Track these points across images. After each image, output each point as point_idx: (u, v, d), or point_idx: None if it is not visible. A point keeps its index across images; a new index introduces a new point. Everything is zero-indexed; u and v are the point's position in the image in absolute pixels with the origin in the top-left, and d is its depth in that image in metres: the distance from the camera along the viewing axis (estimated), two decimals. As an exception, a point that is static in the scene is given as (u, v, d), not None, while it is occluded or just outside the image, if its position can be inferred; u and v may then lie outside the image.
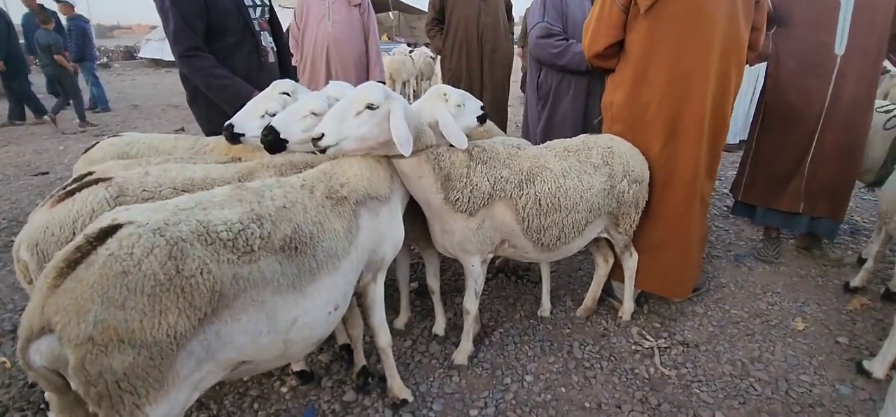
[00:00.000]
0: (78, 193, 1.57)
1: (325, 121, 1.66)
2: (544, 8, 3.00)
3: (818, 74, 2.83)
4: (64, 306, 1.04)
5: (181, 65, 2.39)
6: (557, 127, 3.10)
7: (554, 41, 2.94)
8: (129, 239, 1.11)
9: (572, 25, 2.98)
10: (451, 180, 1.90)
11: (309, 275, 1.44)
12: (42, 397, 2.04)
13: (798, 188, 3.00)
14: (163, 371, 1.12)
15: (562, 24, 2.98)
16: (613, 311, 2.65)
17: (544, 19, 2.98)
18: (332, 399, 2.07)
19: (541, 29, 2.98)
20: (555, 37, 2.94)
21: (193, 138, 2.33)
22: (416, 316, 2.63)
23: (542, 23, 2.98)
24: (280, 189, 1.50)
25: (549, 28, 2.95)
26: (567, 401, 2.06)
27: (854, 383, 2.14)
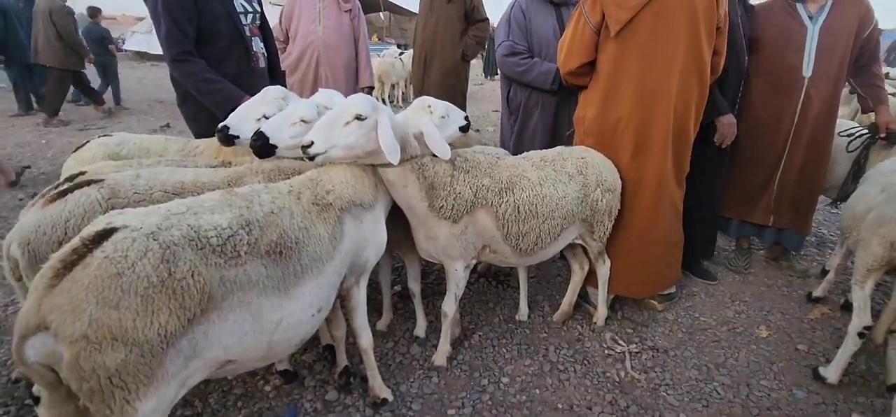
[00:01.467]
0: (70, 194, 1.61)
1: (314, 130, 1.72)
2: (509, 27, 3.10)
3: (787, 94, 2.99)
4: (60, 305, 1.10)
5: (172, 68, 2.44)
6: (528, 140, 3.21)
7: (518, 60, 3.04)
8: (123, 242, 1.17)
9: (537, 43, 3.06)
10: (434, 189, 1.98)
11: (293, 279, 1.51)
12: (26, 392, 2.07)
13: (769, 202, 3.16)
14: (153, 368, 1.19)
15: (527, 42, 3.07)
16: (589, 316, 2.76)
17: (509, 38, 3.08)
18: (315, 398, 2.13)
19: (506, 48, 3.08)
20: (519, 55, 3.04)
21: (183, 140, 2.38)
22: (398, 318, 2.71)
23: (506, 41, 3.08)
24: (268, 195, 1.57)
25: (514, 47, 3.05)
26: (541, 403, 2.15)
27: (809, 388, 2.28)
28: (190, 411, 2.02)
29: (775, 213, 3.16)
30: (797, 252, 3.43)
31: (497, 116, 9.21)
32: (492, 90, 13.48)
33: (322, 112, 1.95)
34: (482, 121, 8.63)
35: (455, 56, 4.17)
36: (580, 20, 2.46)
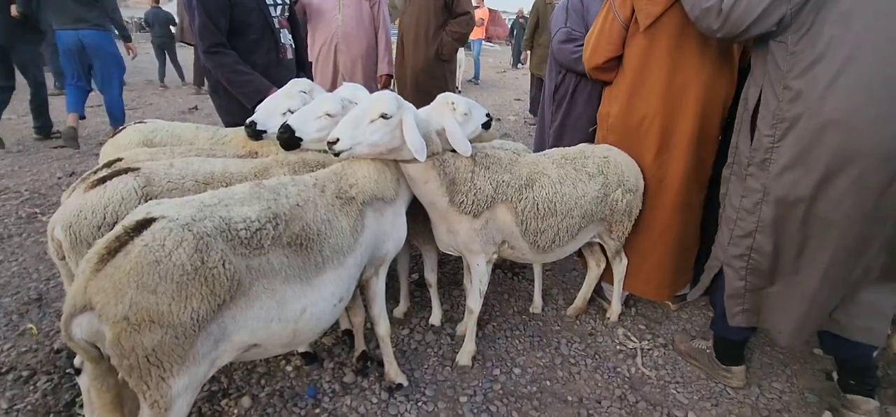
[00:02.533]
0: (109, 181, 1.71)
1: (340, 127, 1.78)
2: (567, 13, 3.09)
3: None
4: (104, 288, 1.19)
5: (205, 59, 2.53)
6: (570, 130, 3.19)
7: (573, 46, 3.02)
8: (161, 232, 1.26)
9: None
10: (455, 184, 2.02)
11: (315, 269, 1.58)
12: (68, 362, 2.22)
13: None
14: (185, 349, 1.28)
15: (583, 29, 3.06)
16: (602, 312, 2.79)
17: (566, 24, 3.07)
18: (333, 380, 2.23)
19: (563, 34, 3.07)
20: (575, 42, 3.03)
21: (213, 129, 2.48)
22: (415, 306, 2.78)
23: (564, 28, 3.07)
24: (295, 187, 1.64)
25: (571, 33, 3.04)
26: (551, 394, 2.21)
27: (822, 392, 2.28)
28: (216, 386, 2.14)
29: None
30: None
31: (519, 105, 9.18)
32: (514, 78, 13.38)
33: (347, 105, 2.02)
34: (503, 111, 8.61)
35: (428, 54, 3.70)
36: (609, 14, 2.44)
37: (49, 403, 2.03)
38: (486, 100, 9.75)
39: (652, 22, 2.29)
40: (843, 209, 1.73)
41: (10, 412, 1.98)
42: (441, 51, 3.65)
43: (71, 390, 2.08)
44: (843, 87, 1.67)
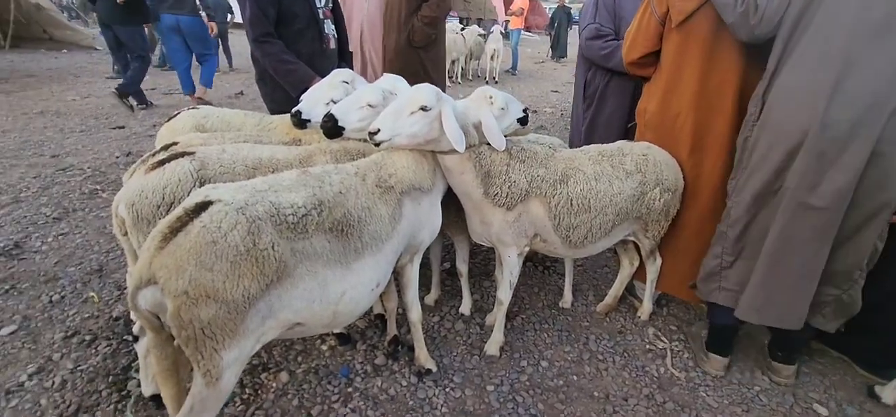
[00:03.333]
0: (167, 164, 1.83)
1: (381, 118, 1.85)
2: (596, 9, 3.05)
3: None
4: (166, 264, 1.30)
5: (254, 48, 2.65)
6: (602, 128, 3.17)
7: (602, 43, 2.99)
8: (218, 214, 1.36)
9: (625, 27, 3.02)
10: (491, 177, 2.06)
11: (354, 254, 1.66)
12: (125, 329, 2.41)
13: None
14: (237, 323, 1.38)
15: (614, 26, 3.02)
16: (633, 310, 2.78)
17: (596, 20, 3.03)
18: (365, 361, 2.33)
19: (591, 30, 3.04)
20: (604, 38, 2.99)
21: (259, 115, 2.60)
22: (446, 294, 2.85)
23: (593, 24, 3.04)
24: (338, 175, 1.72)
25: (600, 29, 3.01)
26: (577, 389, 2.23)
27: (863, 405, 2.21)
28: (257, 361, 2.28)
29: None
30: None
31: (556, 97, 9.07)
32: (553, 69, 13.18)
33: (387, 96, 2.08)
34: (540, 102, 8.53)
35: (399, 40, 3.34)
36: (647, 9, 2.41)
37: (108, 366, 2.21)
38: (522, 91, 9.67)
39: (684, 19, 2.26)
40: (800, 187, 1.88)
41: (74, 371, 2.17)
42: (412, 37, 3.32)
43: (127, 355, 2.26)
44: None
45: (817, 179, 1.84)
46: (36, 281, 2.80)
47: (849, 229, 1.91)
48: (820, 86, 1.79)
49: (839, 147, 1.78)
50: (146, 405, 1.99)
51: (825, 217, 1.87)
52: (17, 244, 3.15)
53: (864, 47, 1.74)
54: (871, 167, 1.78)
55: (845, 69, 1.76)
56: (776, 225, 1.96)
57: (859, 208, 1.86)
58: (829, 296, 2.06)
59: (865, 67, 1.74)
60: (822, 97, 1.78)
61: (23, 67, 8.97)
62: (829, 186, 1.83)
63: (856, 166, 1.78)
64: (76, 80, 8.25)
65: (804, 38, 1.86)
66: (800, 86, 1.85)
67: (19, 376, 2.14)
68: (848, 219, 1.88)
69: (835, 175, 1.81)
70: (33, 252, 3.09)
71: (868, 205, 1.86)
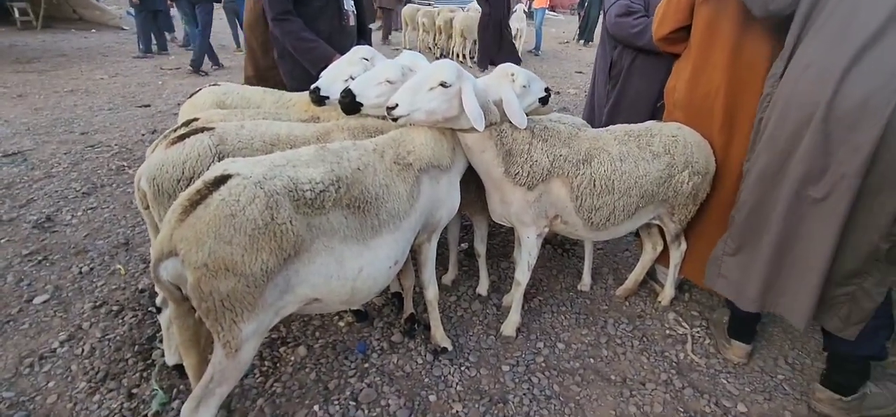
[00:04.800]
0: (187, 139, 1.86)
1: (400, 93, 1.82)
2: None
3: None
4: (187, 237, 1.32)
5: (273, 26, 2.65)
6: (626, 108, 3.08)
7: (632, 20, 2.88)
8: (236, 188, 1.36)
9: (656, 4, 2.90)
10: (512, 155, 2.02)
11: (371, 231, 1.66)
12: (150, 301, 2.47)
13: None
14: (255, 296, 1.40)
15: (644, 2, 2.91)
16: (653, 294, 2.73)
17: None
18: (382, 338, 2.35)
19: (620, 7, 2.93)
20: (634, 15, 2.89)
21: (278, 93, 2.60)
22: (463, 275, 2.85)
23: (622, 1, 2.94)
24: (356, 151, 1.72)
25: (630, 6, 2.90)
26: (594, 372, 2.21)
27: (892, 399, 2.13)
28: (276, 335, 2.32)
29: None
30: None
31: (580, 78, 8.88)
32: (577, 50, 12.89)
33: (407, 73, 2.06)
34: (563, 83, 8.36)
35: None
36: None
37: (134, 335, 2.29)
38: (545, 71, 9.49)
39: None
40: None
41: (102, 340, 2.25)
42: None
43: (152, 326, 2.33)
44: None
45: (823, 164, 1.70)
46: (67, 253, 2.90)
47: (862, 221, 1.72)
48: (836, 62, 1.66)
49: (848, 125, 1.63)
50: (170, 373, 2.05)
51: (828, 208, 1.72)
52: (49, 217, 3.26)
53: (887, 23, 1.59)
54: (884, 150, 1.60)
55: (864, 45, 1.62)
56: (777, 213, 1.85)
57: (874, 197, 1.67)
58: (844, 296, 1.85)
59: (886, 44, 1.60)
60: (836, 72, 1.64)
61: (54, 47, 9.21)
62: (834, 174, 1.68)
63: (865, 149, 1.61)
64: (104, 60, 8.43)
65: (823, 13, 1.74)
66: (815, 62, 1.73)
67: (52, 343, 2.22)
68: (861, 210, 1.70)
69: (843, 158, 1.65)
70: (64, 225, 3.20)
71: (883, 195, 1.66)
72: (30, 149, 4.35)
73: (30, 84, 6.51)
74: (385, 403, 2.00)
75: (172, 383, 2.02)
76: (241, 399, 1.98)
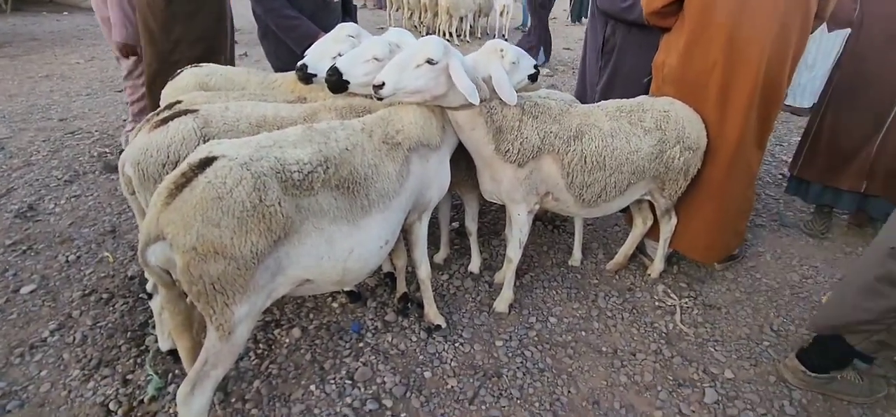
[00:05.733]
0: (171, 122, 1.82)
1: (386, 71, 1.79)
2: None
3: None
4: (173, 220, 1.30)
5: (254, 4, 2.58)
6: (620, 85, 3.06)
7: None
8: (222, 170, 1.34)
9: None
10: (502, 132, 2.01)
11: (361, 211, 1.65)
12: (140, 288, 2.45)
13: (864, 167, 2.88)
14: (246, 279, 1.39)
15: None
16: (642, 268, 2.77)
17: None
18: (376, 318, 2.36)
19: None
20: None
21: (263, 74, 2.55)
22: (455, 253, 2.86)
23: None
24: (343, 131, 1.69)
25: None
26: (585, 344, 2.25)
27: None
28: (270, 317, 2.32)
29: (868, 179, 2.89)
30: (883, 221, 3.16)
31: (568, 55, 8.83)
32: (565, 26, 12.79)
33: (394, 50, 2.02)
34: (551, 59, 8.30)
35: None
36: None
37: (126, 322, 2.27)
38: (532, 48, 9.41)
39: None
40: None
41: (93, 328, 2.23)
42: None
43: (144, 312, 2.31)
44: None
45: None
46: (51, 242, 2.85)
47: None
48: None
49: None
50: (164, 359, 2.04)
51: None
52: (31, 206, 3.19)
53: None
54: None
55: None
56: None
57: None
58: None
59: None
60: None
61: (25, 31, 8.90)
62: None
63: None
64: (79, 43, 8.18)
65: None
66: None
67: (42, 332, 2.20)
68: None
69: None
70: (47, 213, 3.14)
71: None
72: (6, 138, 4.23)
73: (2, 70, 6.31)
74: (381, 380, 2.02)
75: (167, 368, 2.02)
76: (237, 381, 1.99)
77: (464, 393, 1.98)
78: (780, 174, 4.06)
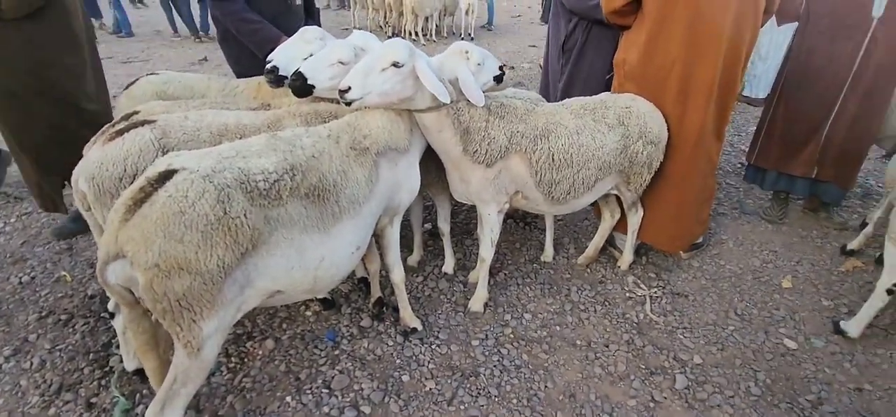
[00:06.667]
0: (127, 133, 1.75)
1: (351, 75, 1.77)
2: None
3: (850, 37, 2.77)
4: (133, 237, 1.25)
5: (212, 7, 2.51)
6: (581, 82, 3.11)
7: None
8: (183, 183, 1.30)
9: None
10: (469, 133, 2.02)
11: (332, 219, 1.63)
12: (102, 307, 2.35)
13: (814, 154, 3.02)
14: (214, 294, 1.35)
15: None
16: (613, 260, 2.83)
17: None
18: (351, 324, 2.33)
19: None
20: None
21: (224, 80, 2.49)
22: (428, 254, 2.85)
23: None
24: (309, 138, 1.66)
25: None
26: (560, 338, 2.29)
27: (828, 338, 2.32)
28: (241, 330, 2.26)
29: (819, 165, 3.04)
30: (837, 206, 3.33)
31: (534, 52, 8.92)
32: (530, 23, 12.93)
33: (359, 53, 2.00)
34: (517, 58, 8.39)
35: None
36: None
37: (88, 344, 2.17)
38: (499, 46, 9.49)
39: None
40: None
41: (53, 351, 2.13)
42: None
43: (107, 332, 2.22)
44: None
45: None
46: (3, 263, 2.70)
47: None
48: None
49: None
50: (130, 379, 1.97)
51: None
52: (-21, 226, 3.02)
53: None
54: None
55: None
56: None
57: None
58: None
59: None
60: None
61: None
62: None
63: None
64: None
65: None
66: None
67: (-6, 360, 2.08)
68: None
69: None
70: (-3, 233, 2.97)
71: None
72: (-50, 154, 3.97)
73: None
74: (358, 387, 2.00)
75: (134, 388, 1.94)
76: (209, 397, 1.93)
77: (442, 395, 1.98)
78: (739, 163, 4.22)
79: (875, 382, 2.09)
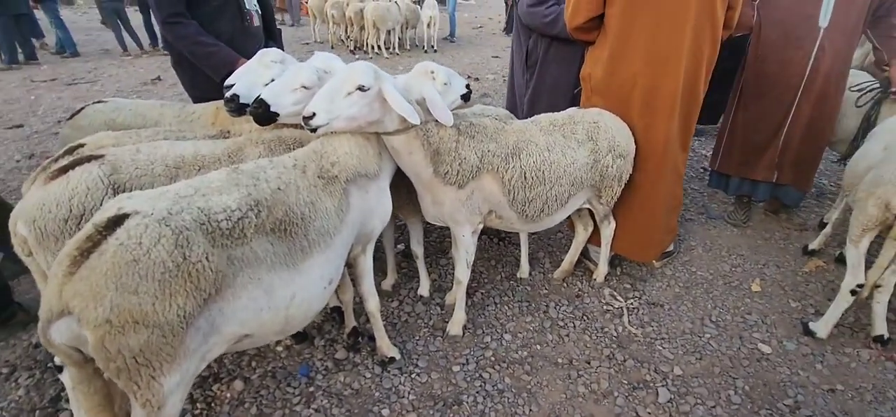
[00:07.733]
0: (71, 171, 1.60)
1: (315, 101, 1.69)
2: None
3: (800, 46, 2.90)
4: (81, 292, 1.12)
5: (164, 31, 2.36)
6: (546, 96, 3.12)
7: (545, 9, 2.92)
8: (136, 229, 1.18)
9: None
10: (440, 155, 1.97)
11: (301, 254, 1.53)
12: (47, 356, 2.15)
13: (773, 158, 3.13)
14: (175, 346, 1.23)
15: None
16: (588, 273, 2.83)
17: None
18: (325, 357, 2.22)
19: None
20: (546, 3, 2.92)
21: (179, 106, 2.35)
22: (403, 277, 2.77)
23: None
24: (274, 170, 1.57)
25: None
26: (541, 357, 2.25)
27: (799, 340, 2.38)
28: (207, 372, 2.11)
29: (778, 170, 3.15)
30: (795, 208, 3.46)
31: (497, 63, 9.01)
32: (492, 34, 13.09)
33: (323, 76, 1.91)
34: (481, 68, 8.44)
35: None
36: None
37: (33, 399, 1.98)
38: (462, 58, 9.54)
39: None
40: None
41: (-8, 411, 1.92)
42: None
43: (54, 384, 2.03)
44: None
45: None
46: (-68, 315, 2.44)
47: None
48: None
49: None
50: (81, 439, 1.79)
51: None
52: None
53: None
54: None
55: None
56: None
57: None
58: None
59: None
60: None
61: None
62: None
63: None
64: (-38, 76, 7.25)
65: None
66: None
67: (-78, 426, 1.86)
68: None
69: None
70: (-75, 280, 2.69)
71: None
72: None
73: None
74: (334, 427, 1.89)
75: (85, 449, 1.76)
76: (170, 452, 1.78)
77: (424, 428, 1.90)
78: (703, 168, 4.34)
79: (846, 381, 2.15)
